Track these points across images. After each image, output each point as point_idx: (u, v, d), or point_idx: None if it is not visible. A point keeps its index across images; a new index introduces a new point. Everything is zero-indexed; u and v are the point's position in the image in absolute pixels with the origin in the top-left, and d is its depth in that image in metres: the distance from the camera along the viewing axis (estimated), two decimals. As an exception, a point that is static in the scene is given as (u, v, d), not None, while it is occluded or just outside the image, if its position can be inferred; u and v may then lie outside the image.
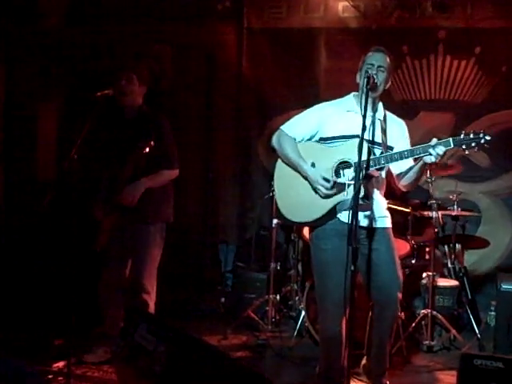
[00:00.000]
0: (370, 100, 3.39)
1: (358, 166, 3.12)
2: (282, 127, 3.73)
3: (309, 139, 3.68)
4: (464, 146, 3.26)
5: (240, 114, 6.49)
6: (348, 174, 3.48)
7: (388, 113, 3.71)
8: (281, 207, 3.70)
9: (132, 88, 4.18)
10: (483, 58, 5.86)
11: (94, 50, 6.24)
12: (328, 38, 6.19)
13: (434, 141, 3.28)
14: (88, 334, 4.49)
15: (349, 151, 3.44)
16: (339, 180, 3.47)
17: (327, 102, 3.75)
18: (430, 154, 3.27)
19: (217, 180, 6.50)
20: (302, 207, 3.59)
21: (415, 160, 3.49)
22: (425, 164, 3.41)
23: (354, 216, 2.97)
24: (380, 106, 3.66)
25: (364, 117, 3.21)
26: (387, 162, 3.42)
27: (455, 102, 5.97)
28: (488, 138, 3.23)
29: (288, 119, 3.77)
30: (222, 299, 5.87)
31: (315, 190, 3.52)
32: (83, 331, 4.37)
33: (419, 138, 5.89)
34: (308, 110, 3.74)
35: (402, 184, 3.65)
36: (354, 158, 3.38)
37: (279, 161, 3.73)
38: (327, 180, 3.46)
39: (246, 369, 2.89)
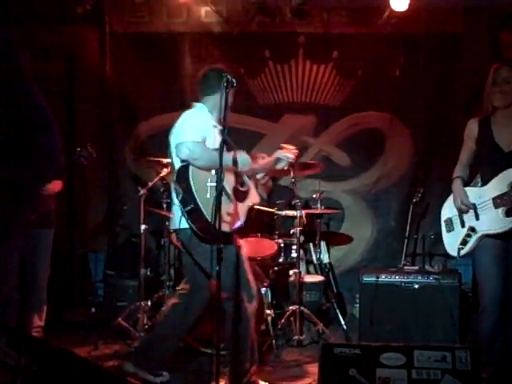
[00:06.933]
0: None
1: (220, 171, 3.19)
2: (188, 139, 3.51)
3: None
4: None
5: (104, 119, 6.36)
6: None
7: None
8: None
9: None
10: (340, 63, 6.14)
11: None
12: (191, 42, 6.23)
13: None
14: None
15: None
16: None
17: (204, 114, 3.74)
18: None
19: (83, 187, 6.33)
20: None
21: None
22: None
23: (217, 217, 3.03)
24: None
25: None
26: None
27: (316, 105, 6.20)
28: None
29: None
30: (93, 309, 5.73)
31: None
32: None
33: (283, 141, 6.18)
34: (194, 118, 3.69)
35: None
36: None
37: (193, 171, 3.49)
38: None
39: (112, 376, 2.83)
